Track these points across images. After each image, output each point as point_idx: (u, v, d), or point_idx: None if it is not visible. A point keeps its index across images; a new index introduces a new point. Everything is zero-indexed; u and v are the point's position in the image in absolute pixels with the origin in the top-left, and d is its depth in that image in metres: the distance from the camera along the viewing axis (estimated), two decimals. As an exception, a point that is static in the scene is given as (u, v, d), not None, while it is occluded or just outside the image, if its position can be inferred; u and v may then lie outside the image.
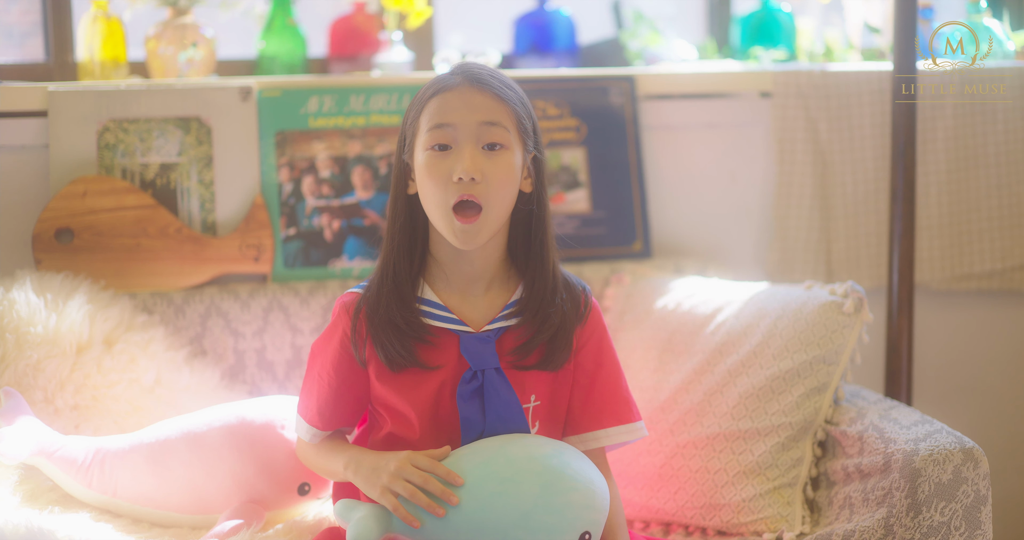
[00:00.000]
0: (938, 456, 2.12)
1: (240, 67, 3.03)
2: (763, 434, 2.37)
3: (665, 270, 2.84)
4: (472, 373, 2.03)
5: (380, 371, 2.05)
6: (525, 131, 2.03)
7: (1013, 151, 3.07)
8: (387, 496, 1.92)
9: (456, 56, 2.91)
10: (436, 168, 1.98)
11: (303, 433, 2.12)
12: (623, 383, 2.16)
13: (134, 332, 2.47)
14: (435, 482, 1.91)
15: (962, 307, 3.14)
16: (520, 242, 2.09)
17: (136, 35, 2.87)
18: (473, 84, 2.00)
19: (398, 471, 1.92)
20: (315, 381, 2.09)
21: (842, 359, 2.40)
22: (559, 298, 2.08)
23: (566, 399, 2.12)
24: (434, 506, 1.90)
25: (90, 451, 2.24)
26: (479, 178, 1.96)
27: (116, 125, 2.62)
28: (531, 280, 2.08)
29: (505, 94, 2.01)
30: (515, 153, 2.01)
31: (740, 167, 3.03)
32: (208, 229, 2.66)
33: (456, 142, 1.98)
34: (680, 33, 3.32)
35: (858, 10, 3.39)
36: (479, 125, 1.98)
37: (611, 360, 2.15)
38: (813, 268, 3.01)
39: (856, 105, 2.99)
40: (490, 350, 2.04)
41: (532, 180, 2.07)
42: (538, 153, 2.07)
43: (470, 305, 2.08)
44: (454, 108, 1.99)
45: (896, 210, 2.76)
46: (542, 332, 2.06)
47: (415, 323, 2.04)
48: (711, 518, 2.38)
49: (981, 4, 3.18)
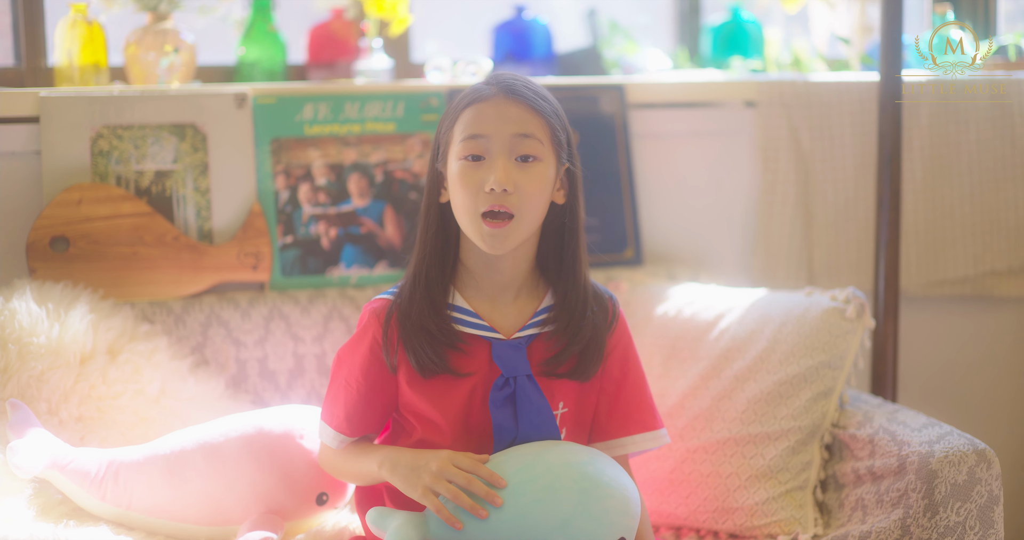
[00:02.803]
0: (953, 457, 2.17)
1: (220, 73, 3.00)
2: (773, 438, 2.41)
3: (659, 277, 2.87)
4: (504, 380, 2.03)
5: (411, 377, 2.05)
6: (559, 143, 2.03)
7: (985, 160, 3.15)
8: (429, 497, 1.92)
9: (447, 64, 2.91)
10: (469, 178, 1.98)
11: (328, 439, 2.11)
12: (647, 390, 2.18)
13: (137, 342, 2.43)
14: (479, 483, 1.91)
15: (938, 312, 3.21)
16: (551, 252, 2.10)
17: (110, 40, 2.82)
18: (508, 95, 2.00)
19: (440, 471, 1.92)
20: (342, 387, 2.08)
21: (846, 364, 2.45)
22: (591, 310, 2.09)
23: (592, 406, 2.14)
24: (477, 508, 1.90)
25: (103, 463, 2.20)
26: (511, 189, 1.96)
27: (110, 131, 2.58)
28: (563, 292, 2.09)
29: (540, 106, 2.01)
30: (548, 165, 2.01)
31: (726, 175, 3.07)
32: (205, 237, 2.63)
33: (489, 153, 1.98)
34: (652, 42, 3.36)
35: (824, 21, 3.46)
36: (513, 137, 1.98)
37: (636, 368, 2.17)
38: (795, 274, 3.05)
39: (837, 115, 3.05)
40: (521, 357, 2.05)
41: (565, 192, 2.07)
42: (572, 165, 2.07)
43: (500, 313, 2.08)
44: (488, 119, 1.99)
45: (882, 218, 2.82)
46: (574, 343, 2.07)
47: (447, 330, 2.04)
48: (724, 522, 2.40)
49: (947, 15, 3.26)
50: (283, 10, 3.07)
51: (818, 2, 3.43)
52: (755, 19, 3.38)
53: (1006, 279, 3.22)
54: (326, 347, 2.60)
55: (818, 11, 3.46)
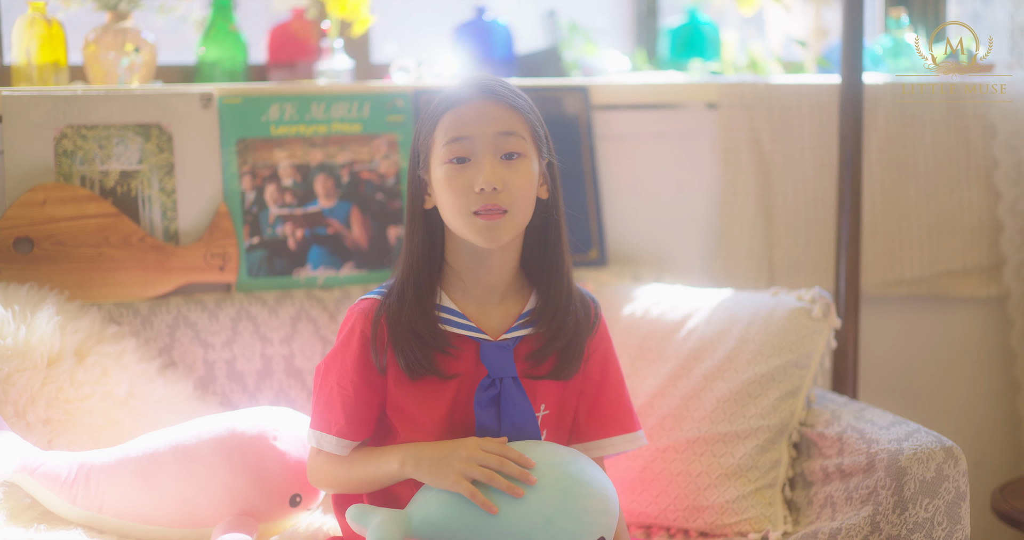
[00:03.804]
0: (922, 455, 2.20)
1: (181, 73, 2.99)
2: (742, 437, 2.43)
3: (624, 277, 2.89)
4: (490, 381, 2.04)
5: (399, 378, 2.05)
6: (539, 138, 2.05)
7: (940, 162, 3.19)
8: (463, 483, 1.92)
9: (413, 65, 2.91)
10: (456, 180, 1.99)
11: (331, 447, 2.07)
12: (626, 393, 2.20)
13: (105, 344, 2.41)
14: (511, 464, 1.93)
15: (894, 312, 3.25)
16: (534, 251, 2.11)
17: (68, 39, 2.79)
18: (487, 96, 2.01)
19: (471, 457, 1.93)
20: (335, 392, 2.06)
21: (813, 363, 2.48)
22: (573, 306, 2.10)
23: (573, 408, 2.15)
24: (514, 487, 1.91)
25: (73, 466, 2.18)
26: (500, 187, 1.97)
27: (74, 131, 2.55)
28: (546, 287, 2.10)
29: (518, 103, 2.03)
30: (532, 160, 2.03)
31: (688, 176, 3.09)
32: (171, 238, 2.61)
33: (475, 154, 1.99)
34: (611, 44, 3.38)
35: (780, 24, 3.49)
36: (496, 135, 2.00)
37: (616, 371, 2.19)
38: (756, 275, 3.08)
39: (797, 117, 3.08)
40: (509, 359, 2.06)
41: (548, 186, 2.09)
42: (552, 159, 2.09)
43: (486, 314, 2.09)
44: (470, 120, 2.00)
45: (843, 219, 2.85)
46: (557, 339, 2.08)
47: (437, 333, 2.05)
48: (694, 520, 2.42)
49: (902, 20, 3.30)
50: (243, 10, 3.06)
51: (774, 5, 3.47)
52: (712, 21, 3.41)
53: (961, 279, 3.27)
54: (294, 348, 2.59)
55: (774, 14, 3.49)
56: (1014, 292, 3.24)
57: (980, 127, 3.20)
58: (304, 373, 2.59)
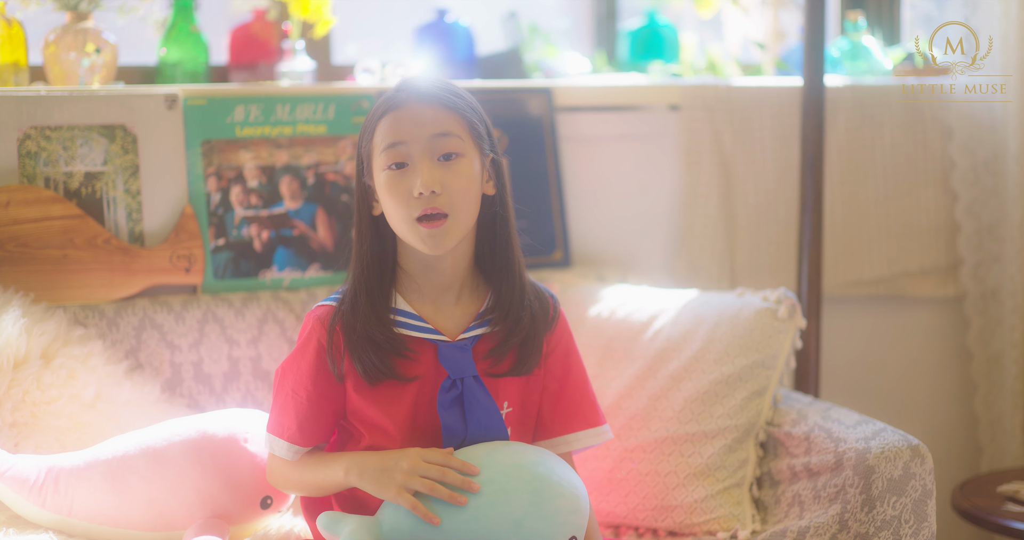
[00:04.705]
0: (889, 453, 2.22)
1: (142, 74, 2.97)
2: (710, 437, 2.44)
3: (588, 279, 2.90)
4: (451, 382, 2.04)
5: (358, 384, 2.05)
6: (479, 135, 2.05)
7: (898, 164, 3.23)
8: (404, 495, 1.92)
9: (377, 66, 2.91)
10: (397, 187, 1.99)
11: (282, 452, 2.08)
12: (590, 387, 2.20)
13: (72, 346, 2.39)
14: (453, 473, 1.92)
15: (854, 312, 3.28)
16: (487, 249, 2.12)
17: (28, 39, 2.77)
18: (420, 99, 2.02)
19: (412, 469, 1.93)
20: (290, 397, 2.07)
21: (779, 363, 2.50)
22: (528, 301, 2.11)
23: (536, 405, 2.16)
24: (456, 496, 1.91)
25: (42, 470, 2.17)
26: (439, 190, 1.97)
27: (37, 132, 2.53)
28: (499, 285, 2.10)
29: (452, 103, 2.03)
30: (472, 159, 2.03)
31: (650, 178, 3.10)
32: (136, 240, 2.59)
33: (411, 158, 1.99)
34: (571, 46, 3.39)
35: (738, 26, 3.52)
36: (431, 138, 2.00)
37: (578, 365, 2.20)
38: (718, 275, 3.10)
39: (758, 118, 3.10)
40: (468, 358, 2.06)
41: (494, 182, 2.09)
42: (496, 155, 2.09)
43: (443, 315, 2.09)
44: (404, 125, 2.00)
45: (805, 220, 2.88)
46: (514, 335, 2.09)
47: (393, 337, 2.04)
48: (663, 520, 2.43)
49: (860, 23, 3.34)
50: (204, 11, 3.04)
51: (732, 8, 3.49)
52: (670, 24, 3.43)
53: (919, 280, 3.30)
54: (261, 350, 2.58)
55: (732, 17, 3.52)
56: (971, 292, 3.29)
57: (937, 129, 3.24)
58: (271, 375, 2.57)
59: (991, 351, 3.30)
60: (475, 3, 3.42)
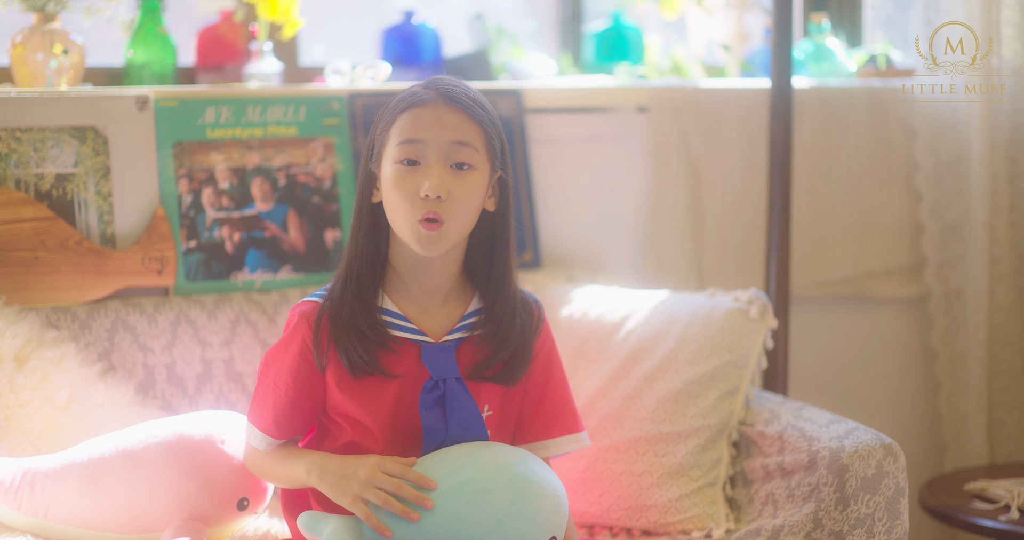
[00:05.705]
0: (863, 452, 2.25)
1: (109, 75, 2.95)
2: (684, 436, 2.46)
3: (559, 280, 2.91)
4: (433, 382, 2.05)
5: (341, 378, 2.05)
6: (494, 152, 2.05)
7: (863, 165, 3.26)
8: (359, 505, 1.93)
9: (347, 68, 2.91)
10: (404, 182, 1.99)
11: (256, 441, 2.10)
12: (570, 394, 2.22)
13: (45, 348, 2.37)
14: (408, 487, 1.92)
15: (820, 312, 3.31)
16: (480, 258, 2.12)
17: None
18: (447, 102, 2.01)
19: (369, 479, 1.93)
20: (270, 390, 2.08)
21: (751, 363, 2.52)
22: (519, 318, 2.12)
23: (516, 409, 2.16)
24: (408, 511, 1.91)
25: (18, 472, 2.16)
26: (445, 196, 1.97)
27: (8, 134, 2.51)
28: (492, 299, 2.11)
29: (477, 114, 2.02)
30: (482, 173, 2.03)
31: (618, 179, 3.12)
32: (107, 242, 2.58)
33: (425, 158, 1.99)
34: (536, 47, 3.40)
35: (702, 28, 3.54)
36: (449, 144, 1.99)
37: (559, 371, 2.21)
38: (686, 276, 3.12)
39: (725, 120, 3.12)
40: (451, 360, 2.07)
41: (496, 199, 2.09)
42: (504, 174, 2.08)
43: (428, 316, 2.09)
44: (425, 125, 2.00)
45: (773, 220, 2.90)
46: (502, 350, 2.10)
47: (378, 328, 2.05)
48: (638, 519, 2.45)
49: (824, 25, 3.37)
50: (171, 12, 3.03)
51: (696, 10, 3.51)
52: (635, 26, 3.45)
53: (883, 280, 3.34)
54: (234, 352, 2.58)
55: (696, 19, 3.54)
56: (935, 292, 3.32)
57: (901, 130, 3.27)
58: (244, 377, 2.57)
59: (955, 350, 3.33)
60: (441, 5, 3.43)
